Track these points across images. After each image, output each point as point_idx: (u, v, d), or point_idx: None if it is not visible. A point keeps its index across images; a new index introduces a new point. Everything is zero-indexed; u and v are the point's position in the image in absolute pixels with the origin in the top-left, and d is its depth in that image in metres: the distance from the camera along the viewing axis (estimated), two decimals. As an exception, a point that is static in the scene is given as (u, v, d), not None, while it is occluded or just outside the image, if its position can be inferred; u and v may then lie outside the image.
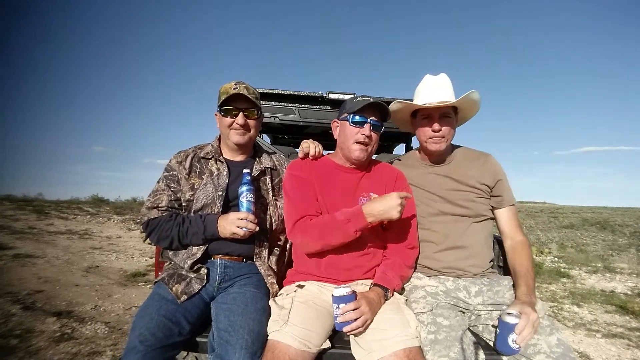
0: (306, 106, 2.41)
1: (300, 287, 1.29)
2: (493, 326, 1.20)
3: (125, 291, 3.67)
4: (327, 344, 1.12)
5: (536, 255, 7.16)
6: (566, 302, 3.98)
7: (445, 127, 1.37)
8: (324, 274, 1.29)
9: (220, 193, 1.36)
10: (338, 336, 1.20)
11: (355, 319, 1.07)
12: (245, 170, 1.32)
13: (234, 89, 1.35)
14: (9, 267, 4.16)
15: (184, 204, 1.39)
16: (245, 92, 1.35)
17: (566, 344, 1.09)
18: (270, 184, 1.47)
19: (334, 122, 1.43)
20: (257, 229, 1.27)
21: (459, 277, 1.36)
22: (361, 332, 1.11)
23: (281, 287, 1.40)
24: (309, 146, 1.45)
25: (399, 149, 3.34)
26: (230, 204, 1.38)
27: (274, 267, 1.43)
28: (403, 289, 1.38)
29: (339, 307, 1.07)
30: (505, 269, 1.47)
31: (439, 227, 1.41)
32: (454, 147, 1.52)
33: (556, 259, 6.91)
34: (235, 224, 1.24)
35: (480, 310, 1.28)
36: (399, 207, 1.13)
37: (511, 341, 1.06)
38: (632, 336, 3.04)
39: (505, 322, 1.07)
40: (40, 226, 7.48)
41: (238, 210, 1.27)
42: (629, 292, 4.48)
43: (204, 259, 1.34)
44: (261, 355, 1.08)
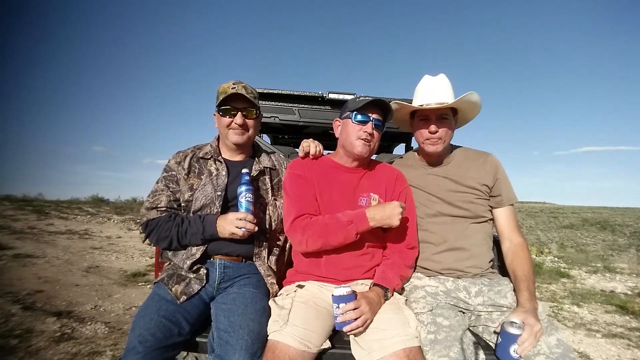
0: (306, 106, 2.41)
1: (300, 287, 1.29)
2: (495, 332, 1.19)
3: (125, 291, 3.67)
4: (327, 344, 1.12)
5: (536, 255, 7.17)
6: (566, 302, 3.98)
7: (442, 129, 1.36)
8: (324, 274, 1.29)
9: (219, 193, 1.36)
10: (338, 336, 1.20)
11: (355, 319, 1.07)
12: (244, 170, 1.32)
13: (232, 88, 1.34)
14: (9, 267, 4.16)
15: (183, 205, 1.38)
16: (243, 91, 1.35)
17: (566, 344, 1.08)
18: (269, 184, 1.47)
19: (336, 121, 1.43)
20: (256, 229, 1.26)
21: (459, 278, 1.35)
22: (361, 332, 1.11)
23: (281, 287, 1.39)
24: (310, 145, 1.45)
25: (399, 149, 3.34)
26: (229, 204, 1.38)
27: (274, 267, 1.43)
28: (403, 289, 1.38)
29: (339, 307, 1.07)
30: (502, 270, 1.46)
31: (438, 228, 1.40)
32: (453, 148, 1.51)
33: (556, 259, 6.90)
34: (234, 224, 1.24)
35: (481, 311, 1.27)
36: (400, 216, 1.19)
37: (512, 351, 1.05)
38: (632, 336, 3.04)
39: (508, 332, 1.06)
40: (40, 226, 7.47)
41: (237, 210, 1.27)
42: (629, 292, 4.48)
43: (204, 260, 1.34)
44: (261, 355, 1.08)
